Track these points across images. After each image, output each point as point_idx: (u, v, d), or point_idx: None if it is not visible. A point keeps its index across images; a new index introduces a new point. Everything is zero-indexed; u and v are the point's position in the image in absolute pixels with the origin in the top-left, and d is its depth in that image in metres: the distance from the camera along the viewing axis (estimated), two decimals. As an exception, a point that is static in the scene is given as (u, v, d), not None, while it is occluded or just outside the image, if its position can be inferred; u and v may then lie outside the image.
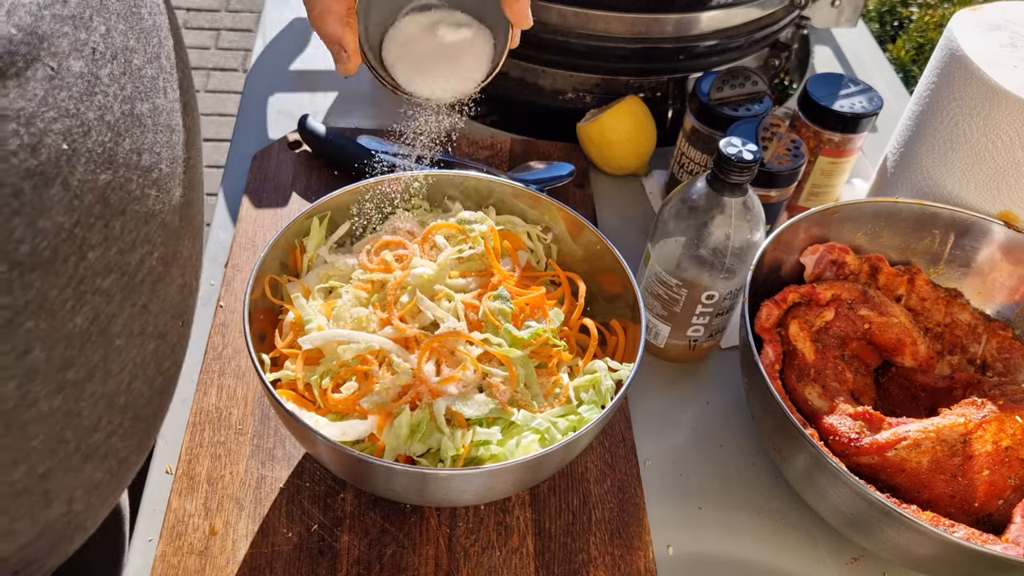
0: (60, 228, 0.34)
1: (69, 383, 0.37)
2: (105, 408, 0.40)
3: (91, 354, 0.37)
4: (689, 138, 0.82)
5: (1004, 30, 0.70)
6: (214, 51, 2.64)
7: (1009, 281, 0.71)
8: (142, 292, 0.40)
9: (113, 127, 0.36)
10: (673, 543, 0.63)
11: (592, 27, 0.88)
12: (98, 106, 0.35)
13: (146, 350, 0.42)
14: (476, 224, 0.65)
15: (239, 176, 0.88)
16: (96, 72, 0.35)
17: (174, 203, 0.42)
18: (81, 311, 0.36)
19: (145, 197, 0.39)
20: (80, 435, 0.39)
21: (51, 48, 0.33)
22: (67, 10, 0.34)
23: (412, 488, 0.53)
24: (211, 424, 0.65)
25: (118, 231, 0.37)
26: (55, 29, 0.33)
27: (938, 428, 0.59)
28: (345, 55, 0.55)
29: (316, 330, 0.58)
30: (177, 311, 0.45)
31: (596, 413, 0.56)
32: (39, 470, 0.37)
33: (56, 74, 0.33)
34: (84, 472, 0.40)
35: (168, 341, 0.44)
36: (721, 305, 0.69)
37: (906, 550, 0.55)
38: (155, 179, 0.40)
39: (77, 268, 0.35)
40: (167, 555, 0.58)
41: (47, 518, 0.40)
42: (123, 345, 0.40)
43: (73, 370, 0.37)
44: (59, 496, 0.39)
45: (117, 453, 0.42)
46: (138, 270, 0.39)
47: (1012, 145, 0.66)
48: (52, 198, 0.33)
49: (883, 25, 2.52)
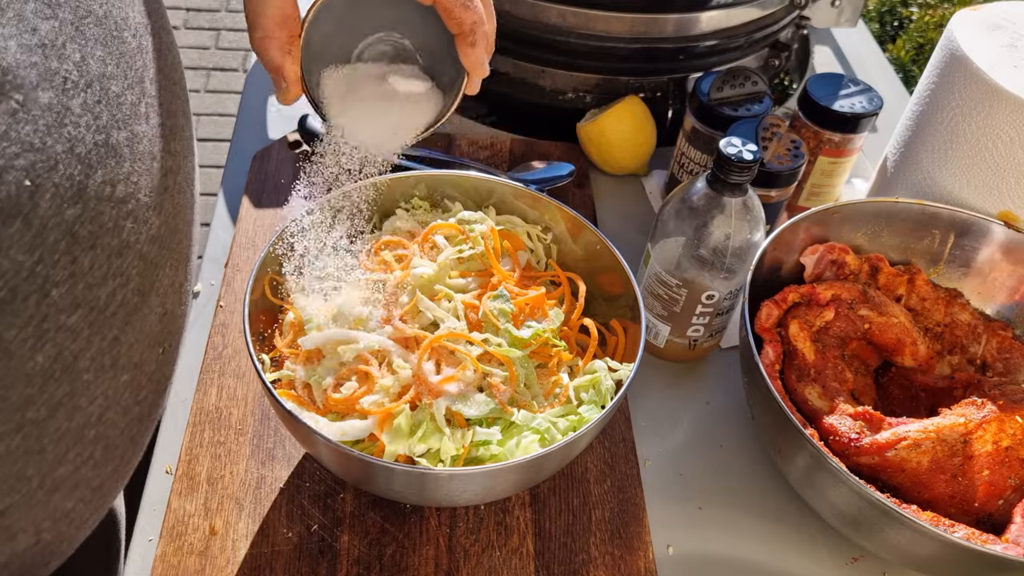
0: (20, 267, 0.33)
1: (29, 421, 0.36)
2: (72, 442, 0.39)
3: (54, 391, 0.36)
4: (689, 138, 0.82)
5: (1004, 30, 0.70)
6: (214, 51, 2.64)
7: (1009, 281, 0.71)
8: (113, 325, 0.39)
9: (84, 159, 0.35)
10: (673, 543, 0.63)
11: (592, 27, 0.88)
12: (68, 138, 0.34)
13: (119, 382, 0.40)
14: (476, 224, 0.65)
15: (239, 176, 0.88)
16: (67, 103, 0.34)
17: (153, 232, 0.41)
18: (42, 349, 0.35)
19: (119, 229, 0.38)
20: (44, 471, 0.38)
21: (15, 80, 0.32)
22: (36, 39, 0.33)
23: (412, 488, 0.53)
24: (211, 424, 0.65)
25: (86, 266, 0.36)
26: (21, 60, 0.32)
27: (938, 428, 0.59)
28: (284, 85, 0.53)
29: (316, 330, 0.58)
30: (156, 340, 0.43)
31: (596, 413, 0.56)
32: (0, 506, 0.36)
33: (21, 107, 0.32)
34: (51, 504, 0.39)
35: (145, 370, 0.43)
36: (721, 305, 0.69)
37: (906, 550, 0.55)
38: (130, 210, 0.38)
39: (39, 307, 0.34)
40: (167, 555, 0.58)
41: (13, 550, 0.39)
42: (92, 380, 0.38)
43: (33, 408, 0.36)
44: (24, 529, 0.39)
45: (89, 482, 0.41)
46: (108, 304, 0.38)
47: (1012, 145, 0.66)
48: (11, 237, 0.32)
49: (883, 25, 2.52)
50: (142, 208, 0.39)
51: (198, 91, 2.49)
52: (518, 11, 0.88)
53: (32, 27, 0.32)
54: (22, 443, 0.36)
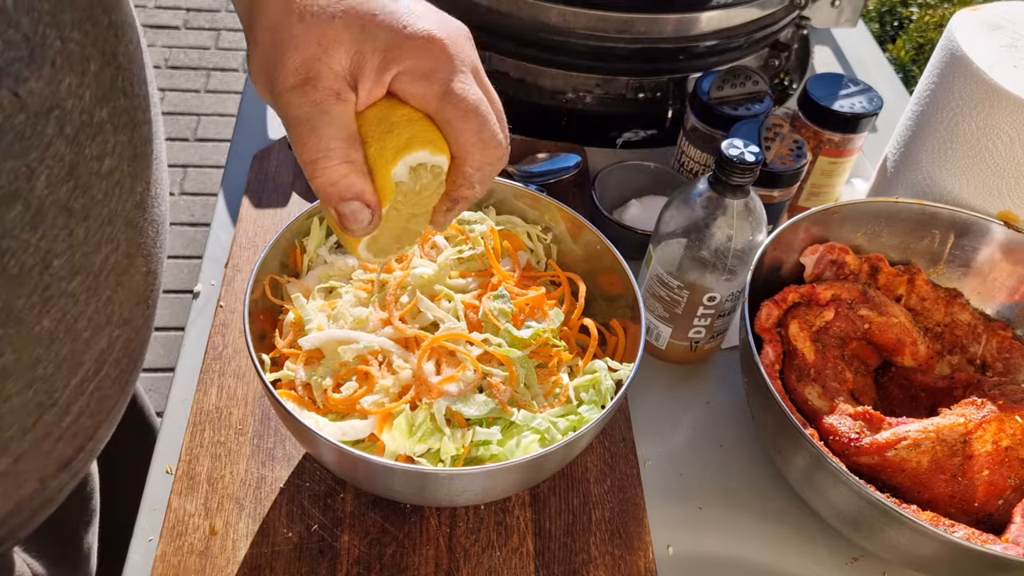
0: (25, 244, 0.35)
1: (39, 378, 0.39)
2: (75, 395, 0.42)
3: (59, 349, 0.40)
4: (689, 137, 0.82)
5: (1004, 30, 0.70)
6: (214, 51, 2.64)
7: (1009, 281, 0.71)
8: (107, 287, 0.42)
9: (73, 139, 0.37)
10: (673, 543, 0.63)
11: (592, 27, 0.88)
12: (57, 121, 0.36)
13: (112, 337, 0.44)
14: (476, 224, 0.65)
15: (239, 176, 0.88)
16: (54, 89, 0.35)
17: (137, 199, 0.43)
18: (48, 314, 0.38)
19: (108, 199, 0.40)
20: (51, 422, 0.41)
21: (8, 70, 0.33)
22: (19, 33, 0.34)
23: (412, 488, 0.53)
24: (211, 424, 0.65)
25: (82, 236, 0.39)
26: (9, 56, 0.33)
27: (938, 428, 0.59)
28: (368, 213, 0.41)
29: (316, 330, 0.58)
30: (141, 297, 0.46)
31: (596, 413, 0.56)
32: (13, 455, 0.40)
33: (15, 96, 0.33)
34: (55, 452, 0.43)
35: (133, 325, 0.46)
36: (723, 307, 0.69)
37: (906, 550, 0.55)
38: (117, 181, 0.41)
39: (42, 276, 0.37)
40: (167, 555, 0.58)
41: (20, 495, 0.43)
42: (90, 337, 0.42)
43: (42, 366, 0.39)
44: (32, 476, 0.43)
45: (86, 431, 0.45)
46: (102, 268, 0.41)
47: (1012, 145, 0.66)
48: (13, 219, 0.35)
49: (883, 25, 2.52)
50: (126, 177, 0.42)
51: (198, 91, 2.49)
52: (518, 11, 0.88)
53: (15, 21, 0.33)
54: (34, 397, 0.39)
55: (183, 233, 2.08)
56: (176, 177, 2.23)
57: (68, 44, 0.36)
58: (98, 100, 0.39)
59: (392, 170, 0.41)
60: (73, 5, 0.37)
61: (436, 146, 0.42)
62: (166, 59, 2.58)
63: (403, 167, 0.42)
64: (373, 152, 0.42)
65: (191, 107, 2.44)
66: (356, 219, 0.41)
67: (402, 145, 0.41)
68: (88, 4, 0.38)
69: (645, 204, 0.83)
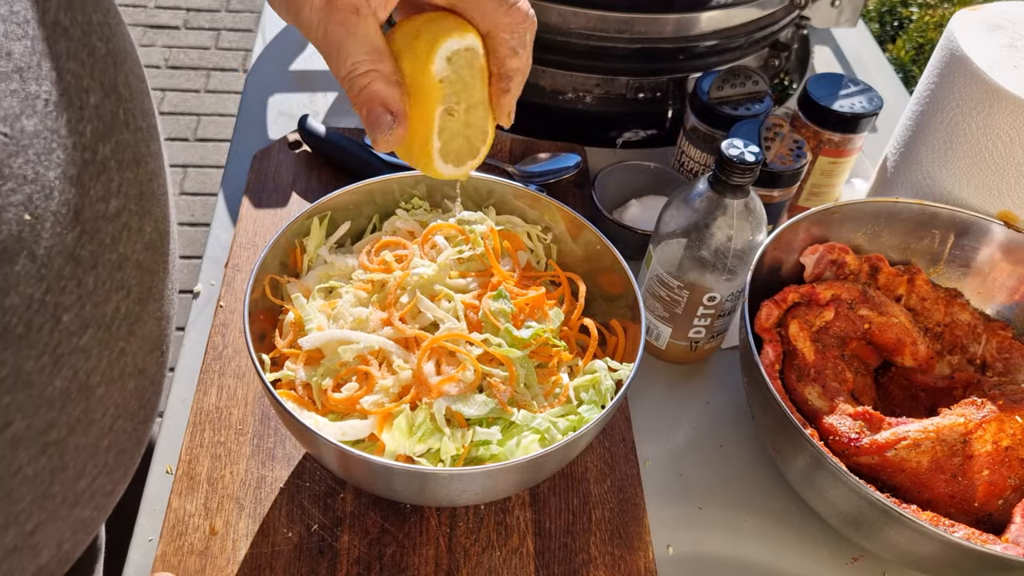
0: (30, 300, 0.32)
1: (52, 443, 0.36)
2: (90, 455, 0.39)
3: (72, 410, 0.37)
4: (689, 137, 0.82)
5: (1004, 30, 0.70)
6: (214, 51, 2.64)
7: (1009, 281, 0.71)
8: (119, 338, 0.39)
9: (76, 180, 0.34)
10: (673, 543, 0.63)
11: (592, 27, 0.88)
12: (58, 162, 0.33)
13: (126, 390, 0.41)
14: (476, 224, 0.65)
15: (239, 176, 0.88)
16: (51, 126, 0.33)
17: (146, 240, 0.41)
18: (59, 374, 0.35)
19: (116, 243, 0.38)
20: (67, 486, 0.38)
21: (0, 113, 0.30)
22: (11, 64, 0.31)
23: (412, 488, 0.53)
24: (211, 424, 0.65)
25: (91, 286, 0.36)
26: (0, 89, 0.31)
27: (938, 428, 0.59)
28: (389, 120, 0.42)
29: (316, 330, 0.58)
30: (155, 343, 0.43)
31: (596, 413, 0.56)
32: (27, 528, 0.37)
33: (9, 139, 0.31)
34: (72, 516, 0.40)
35: (147, 375, 0.43)
36: (723, 307, 0.69)
37: (906, 550, 0.55)
38: (125, 222, 0.38)
39: (52, 334, 0.34)
40: (167, 555, 0.58)
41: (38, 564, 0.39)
42: (104, 393, 0.39)
43: (56, 430, 0.36)
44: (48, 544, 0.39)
45: (103, 489, 0.42)
46: (114, 318, 0.38)
47: (1012, 145, 0.66)
48: (18, 274, 0.32)
49: (883, 25, 2.52)
50: (134, 217, 0.39)
51: (198, 91, 2.49)
52: (518, 11, 0.88)
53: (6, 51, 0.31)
54: (47, 463, 0.36)
55: (183, 233, 2.08)
56: (176, 177, 2.23)
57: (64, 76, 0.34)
58: (100, 135, 0.36)
59: (431, 68, 0.42)
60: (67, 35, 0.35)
61: (461, 30, 0.43)
62: (166, 59, 2.58)
63: (440, 62, 0.43)
64: (407, 62, 0.43)
65: (191, 107, 2.44)
66: (378, 124, 0.41)
67: (431, 41, 0.42)
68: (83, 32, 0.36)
69: (645, 204, 0.83)
